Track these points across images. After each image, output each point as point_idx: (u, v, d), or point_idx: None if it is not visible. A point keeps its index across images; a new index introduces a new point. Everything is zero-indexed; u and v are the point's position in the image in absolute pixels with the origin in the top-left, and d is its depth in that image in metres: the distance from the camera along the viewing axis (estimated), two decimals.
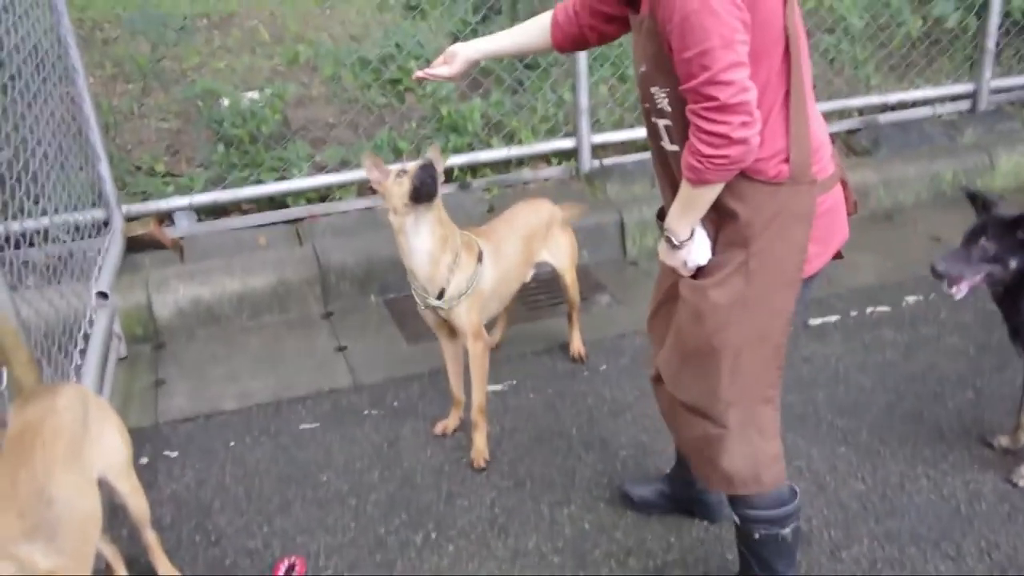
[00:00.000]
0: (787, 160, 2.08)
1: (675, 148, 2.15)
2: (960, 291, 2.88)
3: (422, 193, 2.99)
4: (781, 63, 2.01)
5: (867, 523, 2.93)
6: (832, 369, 3.75)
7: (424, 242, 3.06)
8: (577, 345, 3.92)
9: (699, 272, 2.23)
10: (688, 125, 1.96)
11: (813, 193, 2.13)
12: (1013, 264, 2.82)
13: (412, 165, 3.04)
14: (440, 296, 3.14)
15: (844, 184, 2.28)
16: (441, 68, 2.61)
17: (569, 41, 2.50)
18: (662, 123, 2.17)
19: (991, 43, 5.67)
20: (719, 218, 2.16)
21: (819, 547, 2.84)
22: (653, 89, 2.12)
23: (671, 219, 2.16)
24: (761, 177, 2.08)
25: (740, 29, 1.87)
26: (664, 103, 2.11)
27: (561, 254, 3.70)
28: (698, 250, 2.19)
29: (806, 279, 2.24)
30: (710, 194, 2.05)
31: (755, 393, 2.29)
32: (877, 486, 3.09)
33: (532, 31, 2.56)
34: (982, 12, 5.69)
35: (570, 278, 3.74)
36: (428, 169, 3.00)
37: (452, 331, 3.30)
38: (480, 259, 3.24)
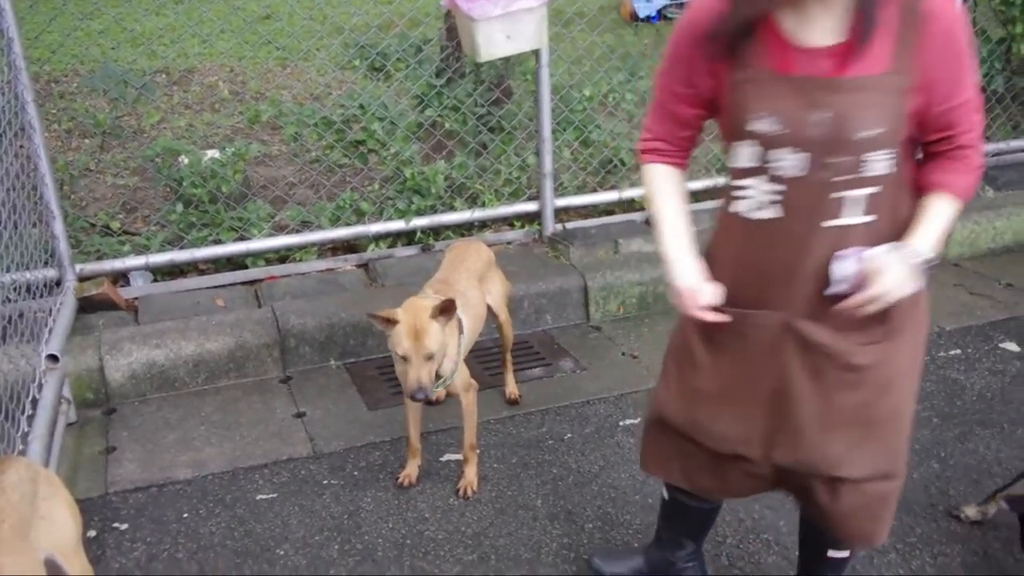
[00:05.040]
0: None
1: (868, 219, 2.05)
2: None
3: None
4: None
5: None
6: None
7: None
8: (512, 388, 3.99)
9: (875, 333, 2.15)
10: (898, 186, 2.04)
11: None
12: None
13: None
14: (438, 377, 3.18)
15: None
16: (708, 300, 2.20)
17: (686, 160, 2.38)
18: (857, 194, 2.02)
19: None
20: None
21: None
22: (869, 155, 1.98)
23: (934, 245, 2.05)
24: None
25: None
26: (880, 167, 2.00)
27: (496, 292, 3.77)
28: None
29: None
30: None
31: None
32: (861, 559, 3.05)
33: (677, 190, 2.32)
34: None
35: (504, 316, 3.83)
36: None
37: None
38: (460, 326, 3.28)
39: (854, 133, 1.94)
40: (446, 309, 3.01)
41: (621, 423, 3.86)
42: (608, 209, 5.49)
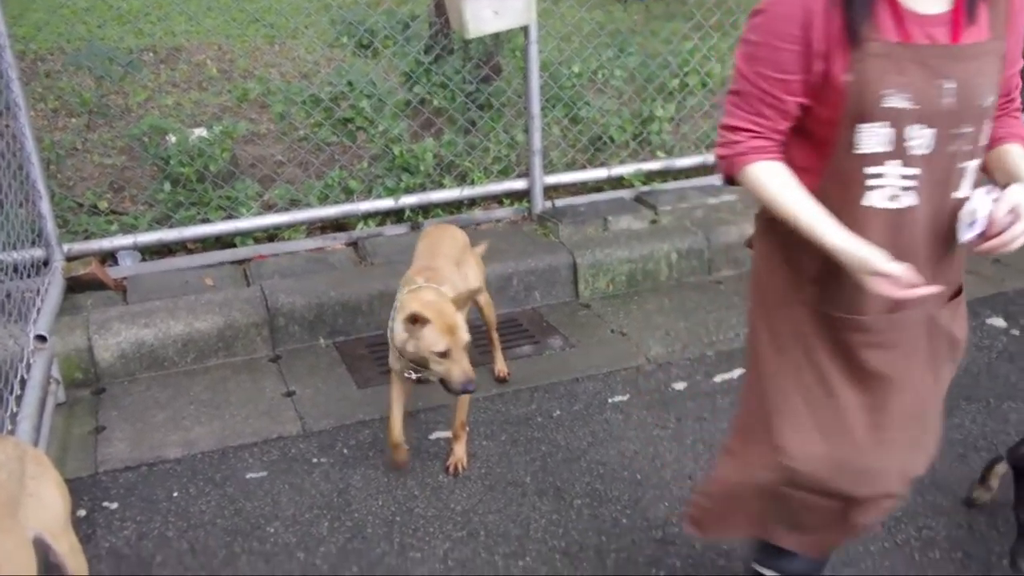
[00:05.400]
0: None
1: (972, 190, 2.01)
2: None
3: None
4: None
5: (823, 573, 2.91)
6: None
7: None
8: (500, 366, 4.01)
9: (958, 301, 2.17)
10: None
11: None
12: None
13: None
14: None
15: None
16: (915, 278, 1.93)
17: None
18: (973, 165, 2.01)
19: None
20: None
21: None
22: (985, 124, 1.97)
23: None
24: None
25: None
26: (985, 136, 2.00)
27: (473, 276, 3.73)
28: None
29: None
30: None
31: None
32: None
33: (799, 184, 2.03)
34: None
35: (484, 299, 3.82)
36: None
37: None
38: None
39: (976, 101, 1.91)
40: (464, 300, 3.08)
41: (610, 400, 3.88)
42: (597, 186, 5.49)
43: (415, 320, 2.91)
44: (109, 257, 4.66)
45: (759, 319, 2.27)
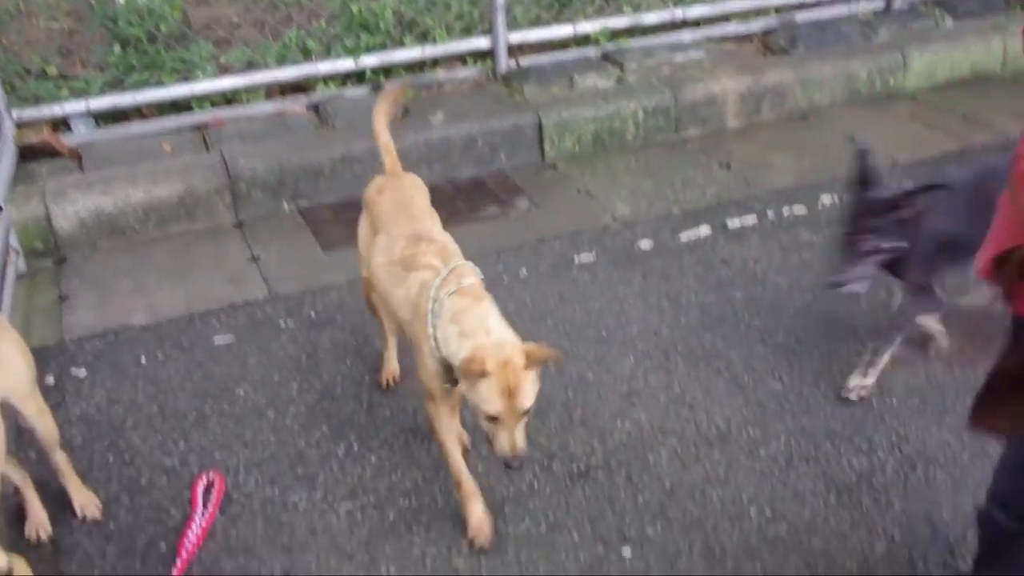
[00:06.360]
0: None
1: None
2: (862, 288, 2.88)
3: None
4: None
5: (784, 421, 3.00)
6: (750, 271, 3.78)
7: None
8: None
9: None
10: None
11: None
12: (899, 243, 2.80)
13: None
14: None
15: None
16: None
17: None
18: None
19: None
20: None
21: (737, 445, 2.89)
22: None
23: None
24: None
25: None
26: None
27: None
28: None
29: None
30: None
31: None
32: (794, 384, 3.15)
33: None
34: None
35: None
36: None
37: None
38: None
39: None
40: (541, 361, 2.33)
41: (576, 259, 3.88)
42: (563, 43, 5.35)
43: (472, 369, 2.26)
44: (62, 124, 4.52)
45: None
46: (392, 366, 3.21)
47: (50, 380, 3.23)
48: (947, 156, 4.68)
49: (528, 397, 2.29)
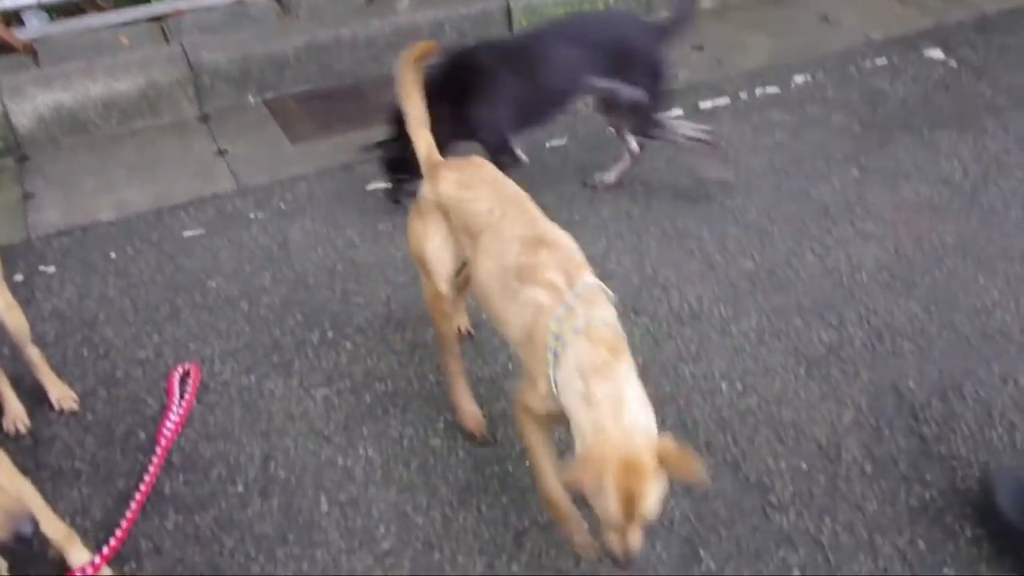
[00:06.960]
0: None
1: None
2: None
3: None
4: None
5: (755, 298, 3.02)
6: (722, 151, 3.75)
7: None
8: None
9: None
10: None
11: None
12: None
13: None
14: None
15: None
16: None
17: None
18: None
19: None
20: None
21: (709, 323, 2.92)
22: None
23: None
24: None
25: None
26: None
27: None
28: None
29: None
30: None
31: None
32: (765, 263, 3.17)
33: None
34: None
35: None
36: None
37: None
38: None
39: None
40: (681, 468, 1.85)
41: (548, 144, 3.85)
42: None
43: (586, 479, 1.84)
44: (13, 18, 4.37)
45: None
46: (471, 411, 2.60)
47: (19, 277, 3.20)
48: (921, 33, 4.64)
49: (652, 508, 1.84)
